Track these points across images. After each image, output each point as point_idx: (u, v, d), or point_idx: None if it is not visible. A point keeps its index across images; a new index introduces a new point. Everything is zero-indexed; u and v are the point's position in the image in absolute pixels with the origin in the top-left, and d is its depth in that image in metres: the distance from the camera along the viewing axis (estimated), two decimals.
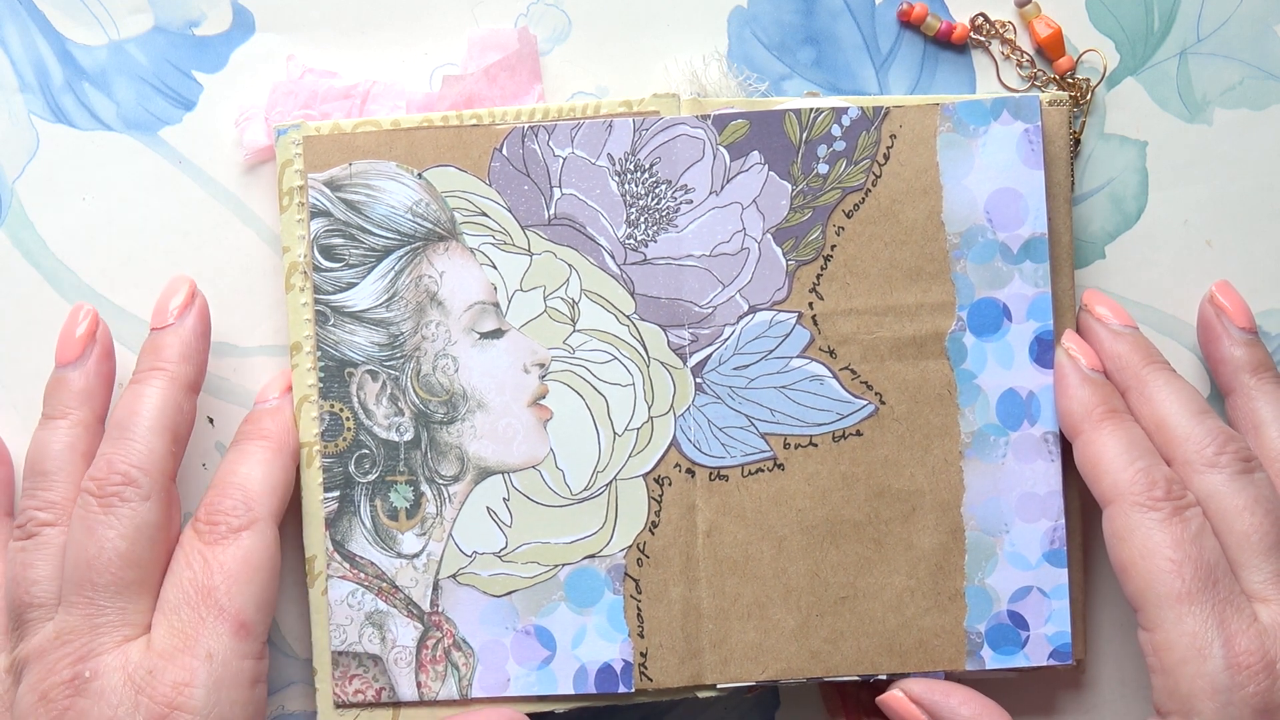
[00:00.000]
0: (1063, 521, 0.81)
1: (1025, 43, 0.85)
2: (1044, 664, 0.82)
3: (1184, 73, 0.86)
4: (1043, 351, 0.81)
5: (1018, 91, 0.85)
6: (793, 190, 0.81)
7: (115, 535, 0.76)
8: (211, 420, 0.84)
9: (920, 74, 0.85)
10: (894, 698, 0.81)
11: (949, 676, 0.81)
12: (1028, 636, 0.81)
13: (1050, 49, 0.84)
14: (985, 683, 0.83)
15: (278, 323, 0.84)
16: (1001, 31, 0.85)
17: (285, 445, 0.80)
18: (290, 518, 0.83)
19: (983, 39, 0.85)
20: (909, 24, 0.85)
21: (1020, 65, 0.85)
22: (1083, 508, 0.82)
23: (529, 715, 0.81)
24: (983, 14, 0.85)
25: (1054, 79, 0.84)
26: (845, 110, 0.81)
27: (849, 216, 0.81)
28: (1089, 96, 0.84)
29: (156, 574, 0.77)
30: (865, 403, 0.81)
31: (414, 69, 0.84)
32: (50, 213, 0.84)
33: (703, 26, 0.85)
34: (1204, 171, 0.86)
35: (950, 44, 0.85)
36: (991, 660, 0.81)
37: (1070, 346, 0.80)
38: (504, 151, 0.80)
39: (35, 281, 0.84)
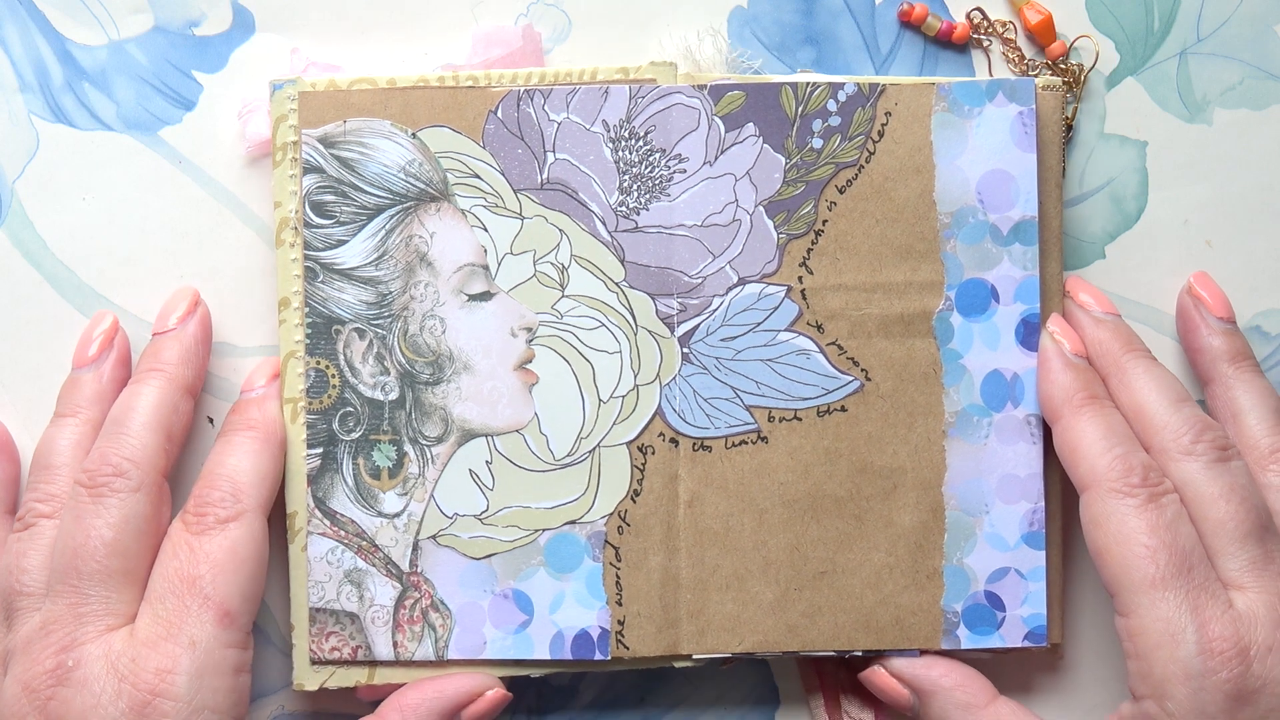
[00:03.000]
0: (1043, 504, 0.81)
1: (1025, 43, 0.85)
2: (1019, 645, 0.81)
3: (1184, 73, 0.86)
4: (1029, 334, 0.81)
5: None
6: (786, 164, 0.81)
7: (103, 524, 0.76)
8: (211, 420, 0.84)
9: (920, 74, 0.86)
10: (875, 673, 0.81)
11: (925, 654, 0.81)
12: (1004, 617, 0.81)
13: (1041, 35, 0.84)
14: (961, 660, 0.82)
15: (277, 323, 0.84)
16: (1001, 31, 0.85)
17: (273, 435, 0.80)
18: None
19: (982, 38, 0.85)
20: (909, 24, 0.85)
21: (1017, 61, 0.85)
22: (1063, 491, 0.82)
23: (504, 679, 0.81)
24: (979, 9, 0.85)
25: (1046, 64, 0.85)
26: (841, 86, 0.81)
27: (841, 192, 0.81)
28: (1082, 81, 0.84)
29: (143, 565, 0.77)
30: (851, 379, 0.81)
31: (414, 69, 0.85)
32: (50, 213, 0.85)
33: (703, 27, 0.85)
34: (1204, 171, 0.86)
35: (950, 44, 0.85)
36: (967, 640, 0.81)
37: (1055, 330, 0.81)
38: (499, 114, 0.81)
39: (35, 281, 0.85)
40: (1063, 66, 0.84)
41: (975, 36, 0.85)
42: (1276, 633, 0.74)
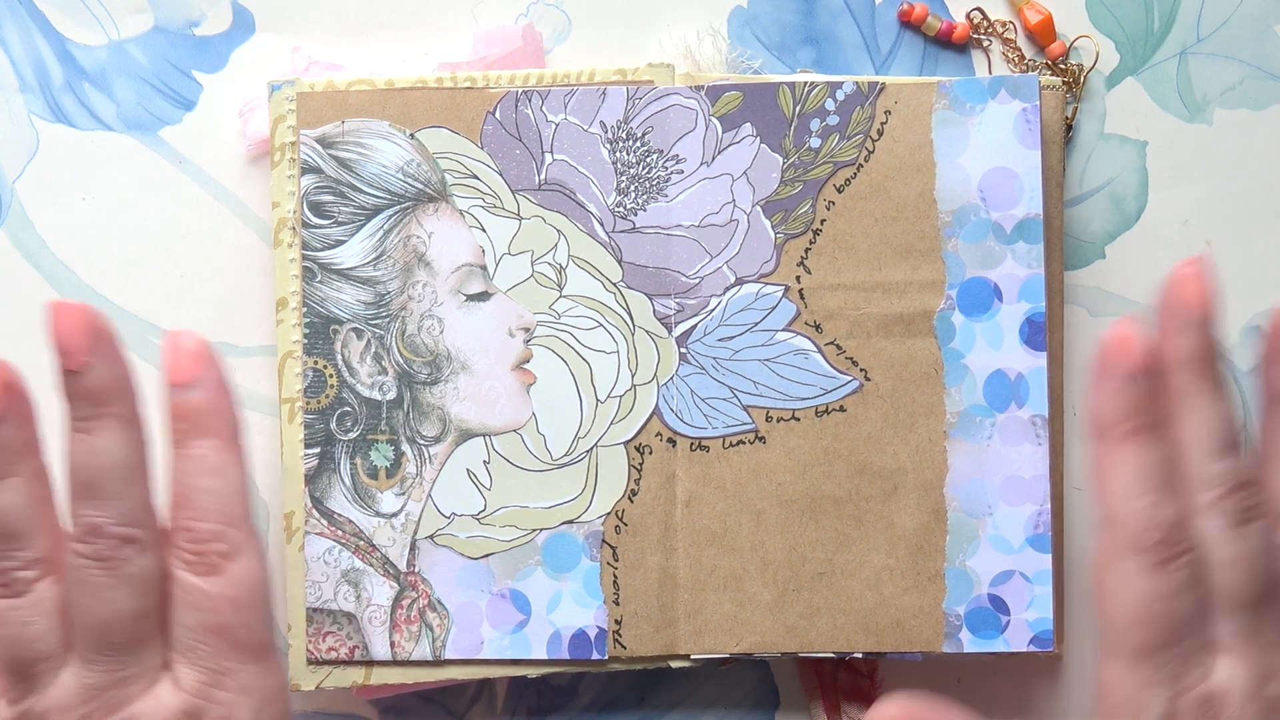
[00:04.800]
0: (1048, 506, 0.81)
1: (1025, 43, 0.85)
2: (1024, 650, 0.81)
3: (1184, 73, 0.86)
4: (1033, 333, 0.81)
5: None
6: (784, 163, 0.81)
7: (124, 596, 0.72)
8: None
9: (920, 74, 0.85)
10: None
11: (926, 658, 0.81)
12: (1008, 621, 0.81)
13: (1041, 35, 0.84)
14: (961, 665, 0.82)
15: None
16: (1001, 32, 0.85)
17: (235, 437, 0.74)
18: (270, 474, 0.83)
19: (982, 38, 0.85)
20: (909, 24, 0.85)
21: (1017, 61, 0.85)
22: (1066, 494, 0.82)
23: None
24: (979, 8, 0.85)
25: (1046, 64, 0.84)
26: (840, 85, 0.81)
27: (840, 191, 0.81)
28: (1082, 81, 0.84)
29: (163, 613, 0.74)
30: (850, 378, 0.81)
31: (415, 69, 0.85)
32: (50, 213, 0.85)
33: (702, 27, 0.85)
34: (1204, 171, 0.85)
35: (950, 44, 0.85)
36: (970, 644, 0.80)
37: (1122, 338, 0.74)
38: (497, 115, 0.81)
39: (35, 281, 0.85)
40: (1062, 67, 0.84)
41: (975, 37, 0.85)
42: (1247, 706, 0.74)
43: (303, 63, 0.84)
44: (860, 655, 0.81)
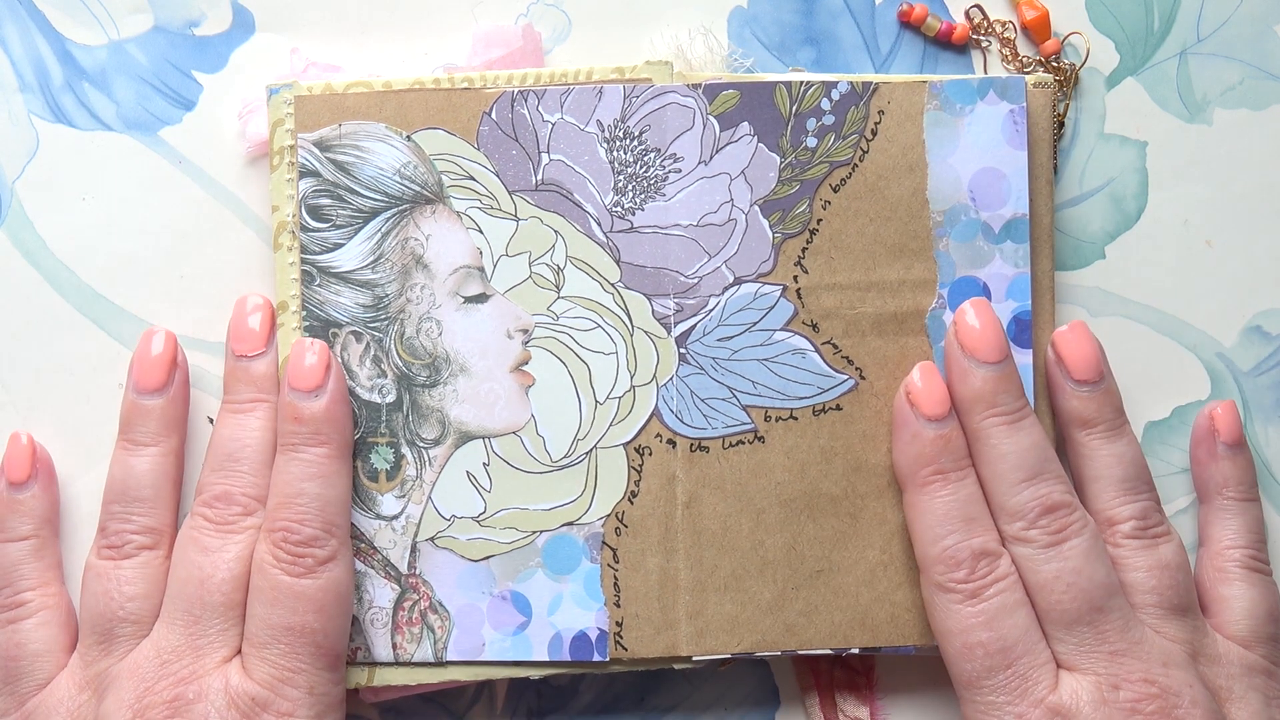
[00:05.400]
0: None
1: (1024, 42, 0.85)
2: None
3: (1184, 73, 0.86)
4: (1020, 331, 0.81)
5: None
6: (781, 163, 0.81)
7: (231, 558, 0.77)
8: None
9: (920, 74, 0.86)
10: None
11: (919, 652, 0.81)
12: None
13: (1037, 31, 0.84)
14: None
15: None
16: (1000, 31, 0.85)
17: (348, 448, 0.80)
18: None
19: (981, 38, 0.85)
20: (909, 24, 0.85)
21: (1013, 59, 0.85)
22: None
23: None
24: (978, 6, 0.85)
25: (1039, 61, 0.85)
26: (835, 85, 0.81)
27: (835, 191, 0.81)
28: (1073, 78, 0.84)
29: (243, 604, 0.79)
30: (845, 377, 0.81)
31: (414, 70, 0.85)
32: (50, 213, 0.85)
33: (694, 26, 0.85)
34: (1204, 171, 0.85)
35: (950, 44, 0.85)
36: None
37: (911, 391, 0.80)
38: (493, 115, 0.81)
39: (35, 281, 0.85)
40: (1055, 64, 0.84)
41: (975, 37, 0.85)
42: (1097, 713, 0.75)
43: (301, 65, 0.84)
44: (857, 651, 0.81)
